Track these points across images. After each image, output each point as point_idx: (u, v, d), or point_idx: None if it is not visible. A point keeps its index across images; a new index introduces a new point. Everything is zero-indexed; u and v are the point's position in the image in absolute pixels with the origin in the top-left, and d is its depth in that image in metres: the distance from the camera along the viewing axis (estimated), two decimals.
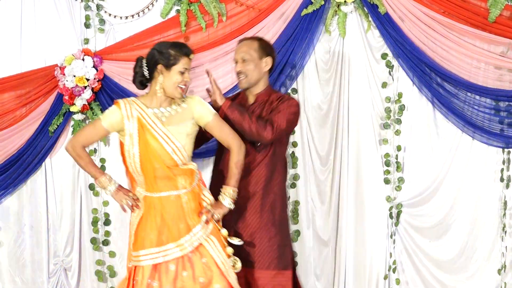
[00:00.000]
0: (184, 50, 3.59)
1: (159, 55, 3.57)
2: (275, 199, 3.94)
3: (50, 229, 5.03)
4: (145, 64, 3.62)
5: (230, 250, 3.67)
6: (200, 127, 3.74)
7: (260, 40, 4.08)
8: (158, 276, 3.54)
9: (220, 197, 3.69)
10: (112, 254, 5.03)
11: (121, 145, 3.61)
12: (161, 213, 3.57)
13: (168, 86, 3.57)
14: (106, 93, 4.86)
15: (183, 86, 3.60)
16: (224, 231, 3.69)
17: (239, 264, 3.65)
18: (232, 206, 3.68)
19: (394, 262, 4.98)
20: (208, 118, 3.64)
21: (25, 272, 5.03)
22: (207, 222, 3.59)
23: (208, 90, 3.99)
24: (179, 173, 3.57)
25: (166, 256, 3.55)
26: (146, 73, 3.61)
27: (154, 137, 3.53)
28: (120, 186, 3.68)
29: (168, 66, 3.56)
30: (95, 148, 4.97)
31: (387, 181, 4.93)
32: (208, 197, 3.70)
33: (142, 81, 3.66)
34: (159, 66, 3.57)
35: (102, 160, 4.99)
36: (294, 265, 4.10)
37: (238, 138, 3.71)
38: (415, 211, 4.97)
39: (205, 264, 3.57)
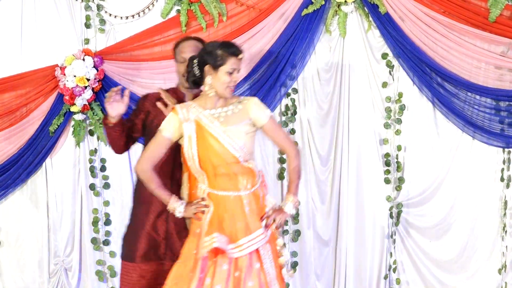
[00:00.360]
0: (231, 50, 3.53)
1: (207, 55, 3.53)
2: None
3: (50, 229, 5.03)
4: (196, 64, 3.58)
5: (283, 260, 3.61)
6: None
7: (202, 41, 3.97)
8: (212, 272, 3.50)
9: (282, 203, 3.62)
10: (112, 254, 5.03)
11: (182, 148, 3.59)
12: (222, 212, 3.54)
13: (217, 87, 3.53)
14: (106, 92, 4.86)
15: (233, 86, 3.57)
16: (280, 241, 3.62)
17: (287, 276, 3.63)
18: (293, 212, 3.61)
19: (395, 262, 4.98)
20: (263, 120, 3.58)
21: (26, 272, 5.03)
22: (267, 226, 3.55)
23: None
24: (240, 171, 3.53)
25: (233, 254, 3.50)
26: (197, 72, 3.59)
27: (214, 136, 3.51)
28: (186, 203, 3.62)
29: (216, 67, 3.52)
30: (95, 148, 4.97)
31: (387, 181, 4.94)
32: (270, 201, 3.64)
33: (195, 81, 3.62)
34: (207, 67, 3.53)
35: (103, 160, 4.99)
36: None
37: (293, 144, 3.69)
38: (415, 211, 4.97)
39: (257, 270, 3.53)
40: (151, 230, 3.81)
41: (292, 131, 4.95)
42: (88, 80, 4.82)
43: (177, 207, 3.57)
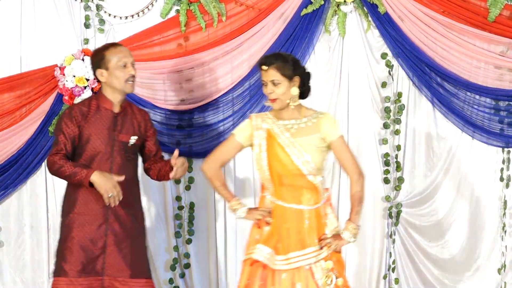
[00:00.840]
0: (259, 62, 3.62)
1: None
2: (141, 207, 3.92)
3: (50, 229, 5.01)
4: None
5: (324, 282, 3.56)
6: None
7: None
8: (264, 279, 3.52)
9: (341, 230, 3.58)
10: None
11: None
12: (281, 222, 3.53)
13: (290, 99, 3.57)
14: None
15: (272, 98, 3.55)
16: (329, 263, 3.55)
17: None
18: (352, 240, 3.57)
19: (394, 262, 4.98)
20: (332, 138, 3.55)
21: (25, 272, 5.03)
22: (321, 248, 3.53)
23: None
24: (305, 185, 3.53)
25: (275, 266, 3.49)
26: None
27: (281, 146, 3.52)
28: (249, 207, 3.63)
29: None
30: None
31: (386, 181, 4.94)
32: (332, 222, 3.60)
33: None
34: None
35: None
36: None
37: (358, 168, 3.58)
38: (414, 210, 4.97)
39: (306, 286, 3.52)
40: (88, 242, 3.68)
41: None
42: (87, 80, 4.82)
43: (238, 209, 3.60)
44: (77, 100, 4.81)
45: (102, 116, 3.75)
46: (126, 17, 4.92)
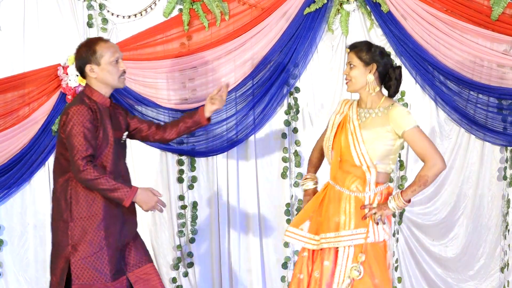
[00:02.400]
0: None
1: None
2: None
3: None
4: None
5: (355, 274, 3.55)
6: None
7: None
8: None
9: (390, 198, 3.60)
10: None
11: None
12: (327, 202, 3.63)
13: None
14: None
15: (346, 79, 3.69)
16: (362, 256, 3.53)
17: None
18: (395, 211, 3.59)
19: (397, 261, 4.98)
20: (404, 128, 3.55)
21: (29, 271, 5.03)
22: (364, 218, 3.55)
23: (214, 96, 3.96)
24: (354, 172, 3.58)
25: (306, 244, 3.65)
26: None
27: (346, 134, 3.61)
28: (307, 189, 3.87)
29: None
30: None
31: (390, 180, 4.93)
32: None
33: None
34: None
35: None
36: None
37: (435, 157, 3.53)
38: (418, 209, 4.97)
39: (326, 267, 3.57)
40: (115, 243, 3.65)
41: (295, 130, 4.95)
42: None
43: (306, 183, 3.87)
44: None
45: (103, 114, 3.68)
46: (129, 16, 4.92)
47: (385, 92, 3.71)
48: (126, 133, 3.82)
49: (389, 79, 3.66)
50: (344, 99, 3.81)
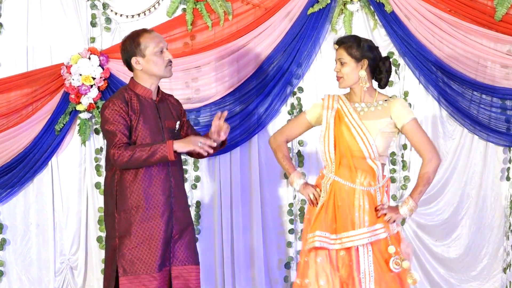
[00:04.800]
0: None
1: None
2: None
3: (56, 228, 5.03)
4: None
5: (406, 264, 3.53)
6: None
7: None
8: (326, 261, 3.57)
9: (400, 204, 3.62)
10: None
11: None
12: (338, 200, 3.58)
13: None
14: (112, 91, 4.86)
15: (337, 76, 3.69)
16: (392, 248, 3.52)
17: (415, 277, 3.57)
18: (406, 216, 3.60)
19: None
20: (404, 121, 3.57)
21: (32, 270, 5.03)
22: (377, 217, 3.54)
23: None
24: (361, 167, 3.56)
25: (332, 246, 3.54)
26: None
27: (348, 127, 3.58)
28: (306, 182, 3.72)
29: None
30: (101, 147, 4.96)
31: (393, 180, 4.93)
32: (385, 203, 3.61)
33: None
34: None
35: None
36: None
37: (431, 151, 3.58)
38: (421, 210, 4.95)
39: (350, 266, 3.55)
40: (160, 234, 3.63)
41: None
42: (94, 78, 4.83)
43: (295, 181, 3.71)
44: (83, 98, 4.82)
45: (144, 106, 3.68)
46: (133, 16, 4.93)
47: (374, 84, 3.71)
48: (178, 122, 3.81)
49: (379, 72, 3.66)
50: (326, 94, 3.76)
